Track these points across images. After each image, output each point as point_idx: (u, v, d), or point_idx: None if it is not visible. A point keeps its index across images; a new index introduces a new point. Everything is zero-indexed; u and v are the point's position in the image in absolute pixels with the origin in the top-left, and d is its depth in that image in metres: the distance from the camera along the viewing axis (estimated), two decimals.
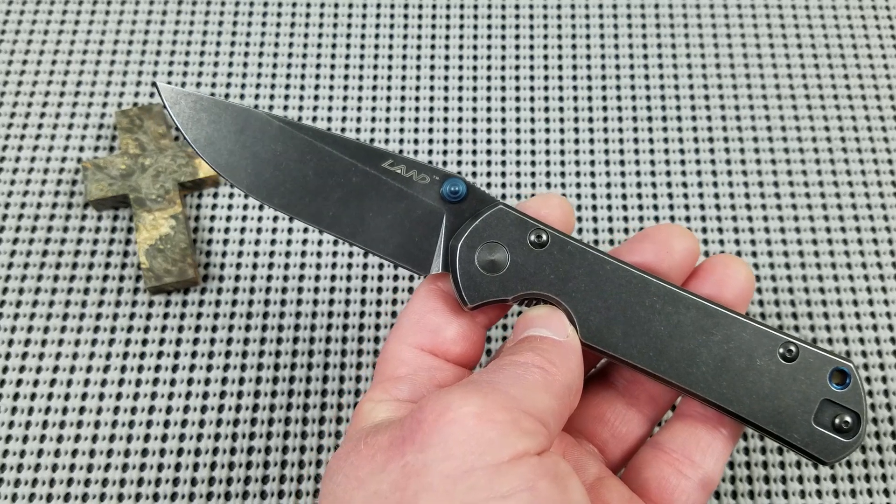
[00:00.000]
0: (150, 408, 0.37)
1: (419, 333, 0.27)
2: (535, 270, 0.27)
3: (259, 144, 0.28)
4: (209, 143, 0.28)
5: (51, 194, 0.42)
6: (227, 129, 0.28)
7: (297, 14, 0.46)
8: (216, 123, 0.28)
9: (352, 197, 0.28)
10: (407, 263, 0.28)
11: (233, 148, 0.28)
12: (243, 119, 0.28)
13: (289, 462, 0.36)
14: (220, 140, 0.28)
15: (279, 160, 0.28)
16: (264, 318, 0.39)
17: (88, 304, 0.39)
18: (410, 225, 0.28)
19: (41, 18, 0.46)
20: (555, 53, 0.46)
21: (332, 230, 0.28)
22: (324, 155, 0.28)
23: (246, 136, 0.28)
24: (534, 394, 0.24)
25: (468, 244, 0.27)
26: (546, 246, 0.27)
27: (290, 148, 0.28)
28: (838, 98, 0.45)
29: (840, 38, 0.46)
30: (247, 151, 0.28)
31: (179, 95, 0.28)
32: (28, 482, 0.36)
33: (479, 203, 0.28)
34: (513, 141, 0.43)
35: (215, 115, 0.28)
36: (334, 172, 0.28)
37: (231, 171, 0.28)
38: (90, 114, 0.43)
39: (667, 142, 0.44)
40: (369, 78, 0.45)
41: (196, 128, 0.28)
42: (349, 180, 0.28)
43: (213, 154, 0.28)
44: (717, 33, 0.46)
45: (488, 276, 0.27)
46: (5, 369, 0.38)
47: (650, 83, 0.45)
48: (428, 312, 0.27)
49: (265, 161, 0.28)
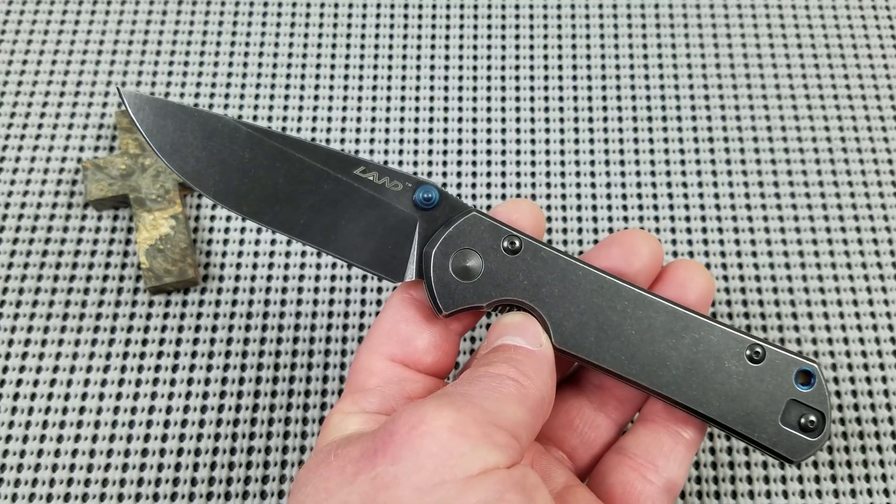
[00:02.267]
0: (150, 408, 0.37)
1: (390, 343, 0.27)
2: (508, 277, 0.27)
3: (227, 151, 0.28)
4: (175, 150, 0.28)
5: (51, 194, 0.42)
6: (194, 136, 0.28)
7: (297, 14, 0.46)
8: (182, 130, 0.28)
9: (323, 205, 0.28)
10: (380, 271, 0.28)
11: (199, 155, 0.28)
12: (210, 125, 0.28)
13: (289, 462, 0.37)
14: (186, 147, 0.28)
15: (248, 167, 0.28)
16: (264, 317, 0.39)
17: (88, 303, 0.39)
18: (383, 232, 0.27)
19: (41, 18, 0.46)
20: (555, 53, 0.46)
21: (303, 238, 0.27)
22: (294, 162, 0.28)
23: (213, 143, 0.28)
24: (507, 407, 0.24)
25: (442, 251, 0.27)
26: (519, 252, 0.27)
27: (260, 155, 0.28)
28: (838, 98, 0.45)
29: (840, 38, 0.46)
30: (214, 158, 0.28)
31: (143, 101, 0.28)
32: (28, 482, 0.36)
33: (451, 210, 0.28)
34: (513, 141, 0.43)
35: (181, 121, 0.28)
36: (305, 180, 0.28)
37: (198, 179, 0.27)
38: (90, 114, 0.43)
39: (667, 142, 0.44)
40: (369, 78, 0.45)
41: (161, 134, 0.28)
42: (320, 187, 0.28)
43: (178, 161, 0.27)
44: (717, 33, 0.46)
45: (462, 282, 0.27)
46: (5, 369, 0.38)
47: (650, 83, 0.45)
48: (399, 322, 0.27)
49: (233, 168, 0.28)
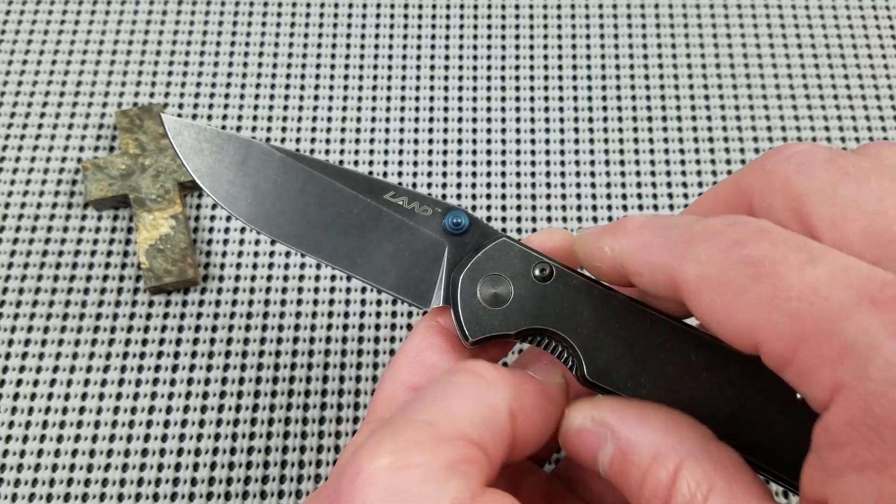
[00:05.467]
0: (150, 408, 0.37)
1: (415, 372, 0.25)
2: (539, 305, 0.26)
3: (260, 175, 0.28)
4: (210, 173, 0.28)
5: (51, 194, 0.42)
6: (229, 160, 0.28)
7: (297, 14, 0.46)
8: (218, 154, 0.29)
9: (352, 228, 0.28)
10: (407, 297, 0.27)
11: (233, 178, 0.28)
12: (245, 150, 0.29)
13: (289, 462, 0.37)
14: (221, 170, 0.28)
15: (279, 191, 0.28)
16: (264, 318, 0.39)
17: (88, 303, 0.39)
18: (411, 257, 0.27)
19: (41, 18, 0.46)
20: (554, 53, 0.46)
21: (331, 261, 0.27)
22: (325, 186, 0.28)
23: (247, 167, 0.28)
24: (458, 405, 0.21)
25: (470, 276, 0.26)
26: (550, 280, 0.26)
27: (291, 179, 0.28)
28: (838, 98, 0.45)
29: (840, 38, 0.46)
30: (247, 182, 0.28)
31: (182, 126, 0.29)
32: (28, 482, 0.36)
33: (481, 235, 0.27)
34: (513, 141, 0.43)
35: (217, 146, 0.29)
36: (335, 204, 0.28)
37: (230, 202, 0.28)
38: (90, 114, 0.43)
39: (667, 142, 0.44)
40: (369, 78, 0.45)
41: (197, 158, 0.28)
42: (350, 212, 0.28)
43: (212, 184, 0.28)
44: (717, 33, 0.46)
45: (491, 309, 0.26)
46: (5, 369, 0.38)
47: (650, 83, 0.45)
48: (425, 350, 0.26)
49: (265, 192, 0.28)
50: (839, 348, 0.17)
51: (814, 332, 0.17)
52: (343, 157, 0.43)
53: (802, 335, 0.17)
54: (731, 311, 0.19)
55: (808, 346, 0.17)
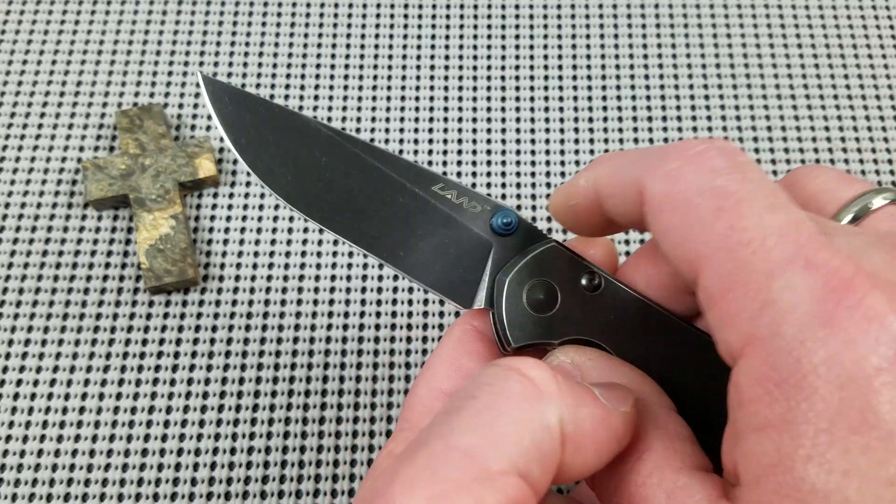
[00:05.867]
0: (150, 408, 0.37)
1: (451, 378, 0.24)
2: (585, 315, 0.24)
3: (304, 152, 0.26)
4: (250, 146, 0.26)
5: (51, 194, 0.42)
6: (272, 133, 0.26)
7: (297, 14, 0.46)
8: (260, 125, 0.26)
9: (397, 218, 0.26)
10: (447, 294, 0.26)
11: (275, 153, 0.26)
12: (290, 123, 0.26)
13: (289, 462, 0.37)
14: (262, 143, 0.26)
15: (323, 171, 0.26)
16: (264, 318, 0.39)
17: (88, 303, 0.39)
18: (455, 254, 0.26)
19: (41, 18, 0.46)
20: (555, 53, 0.46)
21: (371, 251, 0.26)
22: (372, 171, 0.26)
23: (290, 142, 0.26)
24: (506, 423, 0.18)
25: (517, 280, 0.25)
26: (599, 290, 0.25)
27: (337, 160, 0.26)
28: (838, 98, 0.45)
29: (840, 38, 0.46)
30: (289, 158, 0.26)
31: (223, 90, 0.26)
32: (28, 482, 0.36)
33: (529, 238, 0.26)
34: (513, 141, 0.43)
35: (260, 115, 0.26)
36: (381, 191, 0.26)
37: (270, 178, 0.26)
38: (90, 114, 0.43)
39: (666, 141, 0.44)
40: (369, 78, 0.45)
41: (237, 127, 0.26)
42: (396, 200, 0.26)
43: (252, 157, 0.26)
44: (717, 33, 0.46)
45: (535, 315, 0.24)
46: (5, 369, 0.38)
47: (650, 83, 0.45)
48: (462, 355, 0.24)
49: (308, 170, 0.26)
50: (762, 302, 0.17)
51: (746, 281, 0.17)
52: None
53: (736, 281, 0.18)
54: (685, 236, 0.19)
55: (736, 293, 0.18)
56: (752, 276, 0.17)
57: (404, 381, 0.38)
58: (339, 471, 0.36)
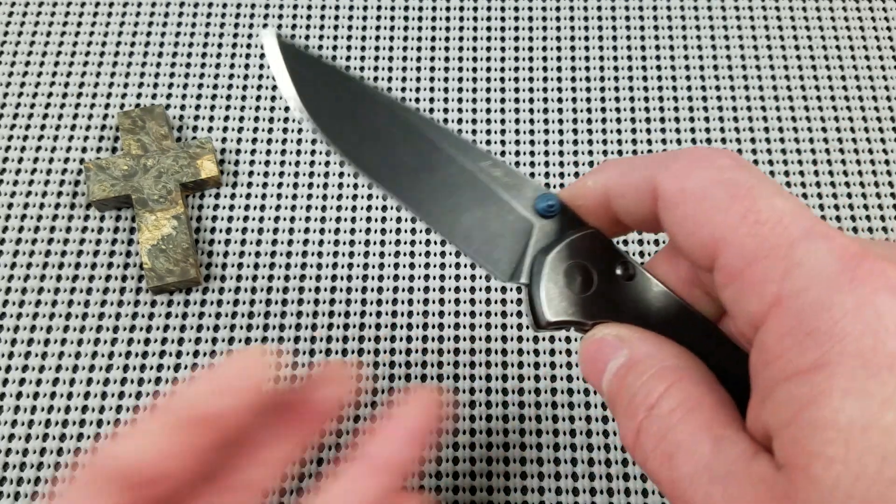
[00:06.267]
0: (153, 407, 0.38)
1: None
2: (618, 301, 0.26)
3: (363, 113, 0.27)
4: (312, 101, 0.27)
5: (54, 195, 0.42)
6: (333, 91, 0.27)
7: (298, 16, 0.47)
8: (320, 82, 0.27)
9: (445, 187, 0.27)
10: (487, 265, 0.27)
11: (335, 110, 0.27)
12: (351, 85, 0.27)
13: None
14: (323, 100, 0.27)
15: (381, 134, 0.27)
16: (266, 317, 0.40)
17: (91, 303, 0.40)
18: (498, 230, 0.27)
19: (44, 20, 0.46)
20: (554, 55, 0.46)
21: (420, 214, 0.27)
22: (425, 141, 0.28)
23: (351, 103, 0.27)
24: None
25: (557, 258, 0.26)
26: (633, 280, 0.26)
27: (394, 126, 0.27)
28: (836, 99, 0.45)
29: (838, 40, 0.47)
30: (348, 117, 0.27)
31: (289, 49, 0.27)
32: (31, 480, 0.36)
33: (570, 222, 0.27)
34: (512, 142, 0.44)
35: (322, 75, 0.27)
36: (433, 160, 0.27)
37: (332, 134, 0.27)
38: (93, 115, 0.44)
39: (664, 143, 0.44)
40: (369, 79, 0.45)
41: (301, 84, 0.27)
42: (447, 170, 0.27)
43: (314, 110, 0.27)
44: (716, 34, 0.47)
45: (573, 295, 0.26)
46: (9, 369, 0.38)
47: (649, 84, 0.45)
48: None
49: (367, 131, 0.27)
50: (786, 267, 0.19)
51: (768, 253, 0.19)
52: None
53: (758, 254, 0.19)
54: (703, 223, 0.20)
55: (759, 264, 0.19)
56: (773, 247, 0.19)
57: (404, 381, 0.38)
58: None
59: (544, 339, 0.39)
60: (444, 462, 0.37)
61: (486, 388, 0.38)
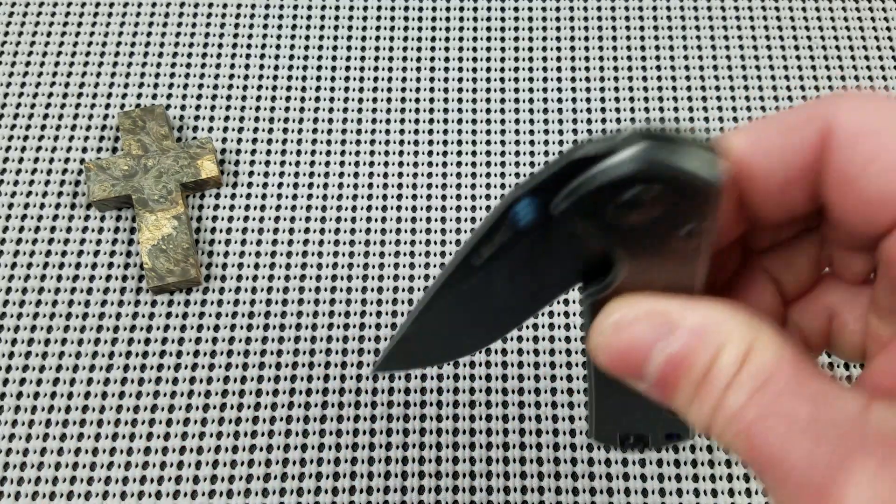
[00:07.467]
0: (153, 406, 0.38)
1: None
2: None
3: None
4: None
5: (54, 195, 0.42)
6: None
7: (298, 16, 0.47)
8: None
9: (468, 316, 0.23)
10: (551, 296, 0.23)
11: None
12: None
13: (290, 461, 0.37)
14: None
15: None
16: (266, 317, 0.40)
17: (91, 303, 0.40)
18: (529, 277, 0.22)
19: (44, 20, 0.46)
20: (554, 56, 0.46)
21: (477, 348, 0.25)
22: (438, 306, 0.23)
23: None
24: None
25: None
26: None
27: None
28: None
29: (838, 40, 0.47)
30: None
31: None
32: (31, 480, 0.36)
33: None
34: (512, 142, 0.44)
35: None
36: (458, 318, 0.23)
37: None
38: (93, 115, 0.44)
39: None
40: (369, 80, 0.45)
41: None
42: (465, 317, 0.23)
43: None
44: (716, 34, 0.47)
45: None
46: (9, 369, 0.38)
47: (648, 84, 0.45)
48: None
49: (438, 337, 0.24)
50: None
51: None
52: (344, 158, 0.43)
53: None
54: (889, 161, 0.17)
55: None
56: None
57: (404, 381, 0.38)
58: (340, 469, 0.37)
59: (544, 339, 0.39)
60: (444, 462, 0.37)
61: (486, 389, 0.38)
